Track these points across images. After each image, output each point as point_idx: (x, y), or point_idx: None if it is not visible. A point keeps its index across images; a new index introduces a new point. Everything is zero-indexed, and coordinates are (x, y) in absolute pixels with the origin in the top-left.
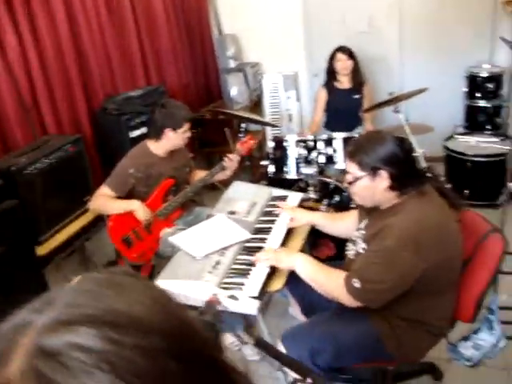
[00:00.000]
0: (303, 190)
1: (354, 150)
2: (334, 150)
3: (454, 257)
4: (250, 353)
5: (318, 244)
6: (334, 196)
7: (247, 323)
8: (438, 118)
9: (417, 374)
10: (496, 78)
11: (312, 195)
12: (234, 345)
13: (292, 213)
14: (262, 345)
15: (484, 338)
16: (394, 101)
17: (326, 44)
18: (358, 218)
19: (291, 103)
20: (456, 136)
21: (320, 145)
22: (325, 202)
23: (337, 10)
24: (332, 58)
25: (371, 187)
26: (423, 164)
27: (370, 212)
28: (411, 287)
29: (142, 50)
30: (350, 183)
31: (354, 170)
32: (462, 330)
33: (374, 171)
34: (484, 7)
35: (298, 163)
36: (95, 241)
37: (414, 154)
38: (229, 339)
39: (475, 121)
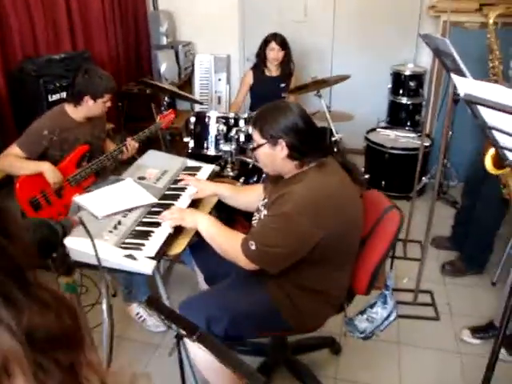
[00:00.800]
0: (222, 167)
1: (257, 118)
2: None
3: (353, 228)
4: (155, 324)
5: (233, 222)
6: (252, 176)
7: (153, 294)
8: (363, 111)
9: (316, 347)
10: (418, 78)
11: (230, 173)
12: (138, 316)
13: (196, 183)
14: (151, 302)
15: (377, 312)
16: (317, 84)
17: (261, 30)
18: (263, 192)
19: (221, 85)
20: (378, 129)
21: (241, 123)
22: (241, 180)
23: None
24: (265, 44)
25: (271, 155)
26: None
27: (275, 183)
28: (309, 256)
29: (70, 15)
30: (253, 149)
31: (256, 136)
32: (361, 306)
33: (273, 139)
34: (412, 10)
35: (217, 140)
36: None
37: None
38: (134, 311)
39: (397, 116)
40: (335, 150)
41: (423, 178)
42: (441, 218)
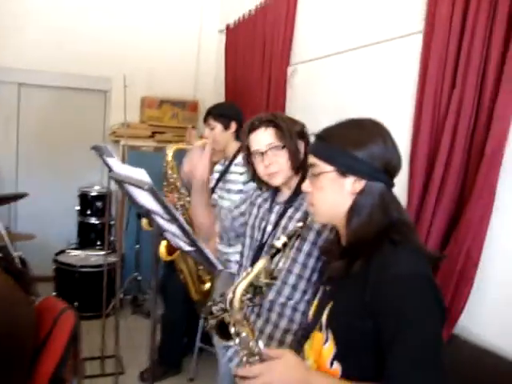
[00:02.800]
0: None
1: None
2: None
3: (19, 337)
4: None
5: None
6: None
7: None
8: (52, 234)
9: None
10: (104, 198)
11: None
12: None
13: None
14: None
15: None
16: None
17: None
18: None
19: None
20: (68, 251)
21: None
22: None
23: None
24: None
25: None
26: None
27: None
28: None
29: None
30: None
31: None
32: None
33: None
34: (97, 135)
35: None
36: None
37: None
38: None
39: (87, 236)
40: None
41: (119, 293)
42: (139, 330)
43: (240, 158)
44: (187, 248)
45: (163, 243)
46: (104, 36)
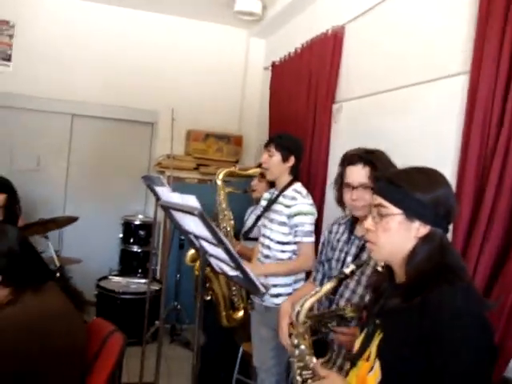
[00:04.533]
0: None
1: None
2: None
3: (74, 352)
4: None
5: None
6: None
7: None
8: (95, 260)
9: None
10: (147, 227)
11: None
12: None
13: None
14: None
15: None
16: (43, 226)
17: None
18: None
19: None
20: (110, 277)
21: None
22: None
23: (3, 144)
24: None
25: None
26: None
27: None
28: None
29: None
30: None
31: None
32: None
33: None
34: (142, 166)
35: None
36: None
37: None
38: None
39: (129, 264)
40: (58, 275)
41: (156, 322)
42: (176, 359)
43: (290, 191)
44: (231, 273)
45: (191, 251)
46: (152, 70)
